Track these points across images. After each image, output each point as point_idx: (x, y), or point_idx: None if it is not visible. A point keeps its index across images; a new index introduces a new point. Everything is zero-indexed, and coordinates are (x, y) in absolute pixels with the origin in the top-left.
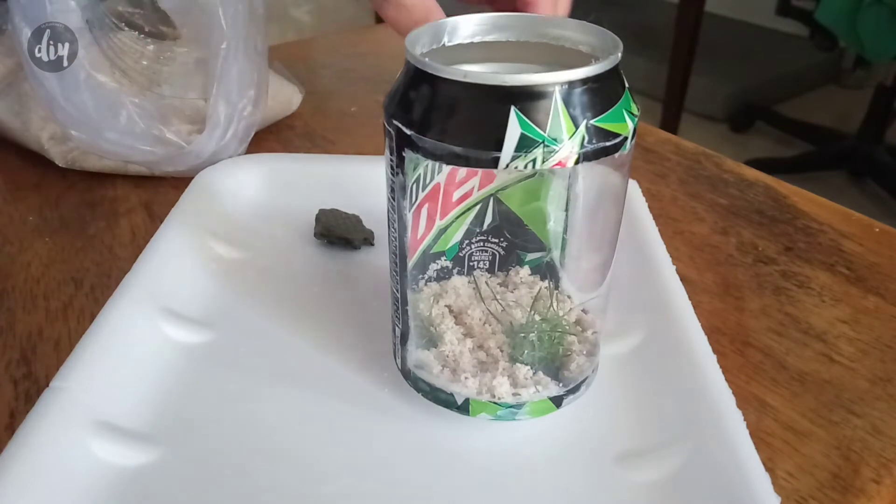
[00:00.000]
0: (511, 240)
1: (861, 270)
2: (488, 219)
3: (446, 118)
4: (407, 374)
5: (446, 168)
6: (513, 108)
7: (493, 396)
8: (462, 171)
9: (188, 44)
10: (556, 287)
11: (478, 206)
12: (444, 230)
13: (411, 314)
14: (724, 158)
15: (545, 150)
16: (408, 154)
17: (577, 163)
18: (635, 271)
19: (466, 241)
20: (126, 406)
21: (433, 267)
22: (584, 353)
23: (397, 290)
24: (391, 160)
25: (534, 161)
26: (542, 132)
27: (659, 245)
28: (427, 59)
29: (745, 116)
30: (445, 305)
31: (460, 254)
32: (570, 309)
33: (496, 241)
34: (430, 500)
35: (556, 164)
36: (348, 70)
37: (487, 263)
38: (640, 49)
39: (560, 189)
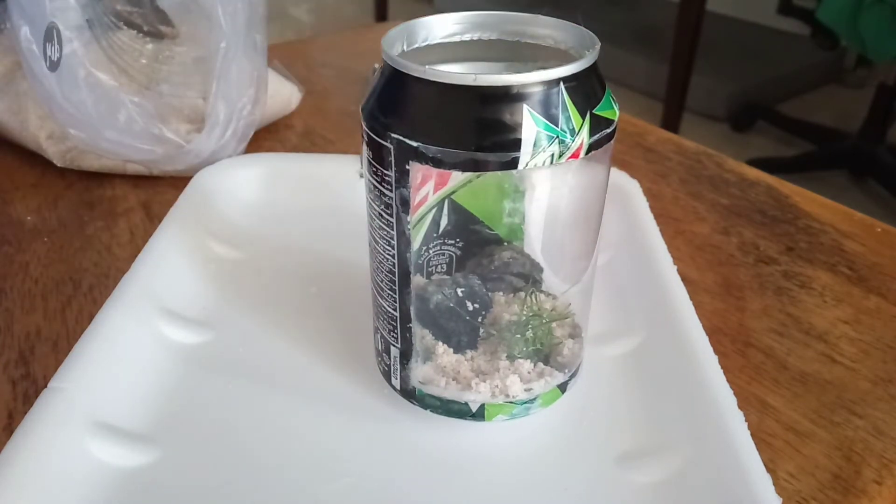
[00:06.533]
0: (467, 239)
1: (863, 270)
2: (444, 221)
3: (458, 124)
4: (411, 394)
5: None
6: (525, 107)
7: (508, 396)
8: (418, 176)
9: (187, 42)
10: (526, 280)
11: (434, 210)
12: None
13: (414, 330)
14: (726, 158)
15: (561, 144)
16: (413, 166)
17: (587, 153)
18: (636, 271)
19: (424, 247)
20: (124, 406)
21: None
22: (569, 336)
23: (394, 309)
24: (388, 175)
25: (552, 156)
26: (556, 127)
27: (660, 245)
28: (428, 67)
29: (746, 116)
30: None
31: (419, 260)
32: (544, 297)
33: (452, 242)
34: (432, 502)
35: (572, 157)
36: (348, 69)
37: (445, 266)
38: (640, 48)
39: (515, 183)
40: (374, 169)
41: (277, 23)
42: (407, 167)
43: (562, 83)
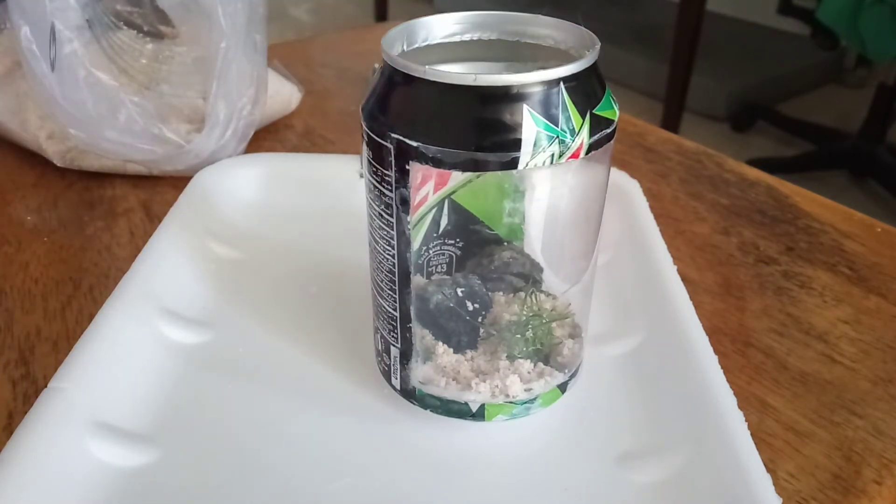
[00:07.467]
0: (467, 239)
1: (863, 270)
2: (444, 221)
3: (458, 124)
4: (411, 394)
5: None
6: (525, 107)
7: (508, 396)
8: (418, 176)
9: (187, 42)
10: (526, 280)
11: (434, 210)
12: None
13: (414, 330)
14: (726, 158)
15: (561, 144)
16: (413, 166)
17: (587, 153)
18: (636, 271)
19: (424, 247)
20: (124, 406)
21: None
22: (569, 336)
23: (394, 309)
24: (388, 175)
25: (552, 157)
26: (555, 127)
27: (660, 245)
28: (428, 67)
29: (746, 116)
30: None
31: (419, 260)
32: (544, 297)
33: (452, 242)
34: (432, 502)
35: (571, 157)
36: (348, 69)
37: (445, 266)
38: (641, 48)
39: (515, 183)
40: (374, 169)
41: (277, 23)
42: (407, 167)
43: (562, 83)
